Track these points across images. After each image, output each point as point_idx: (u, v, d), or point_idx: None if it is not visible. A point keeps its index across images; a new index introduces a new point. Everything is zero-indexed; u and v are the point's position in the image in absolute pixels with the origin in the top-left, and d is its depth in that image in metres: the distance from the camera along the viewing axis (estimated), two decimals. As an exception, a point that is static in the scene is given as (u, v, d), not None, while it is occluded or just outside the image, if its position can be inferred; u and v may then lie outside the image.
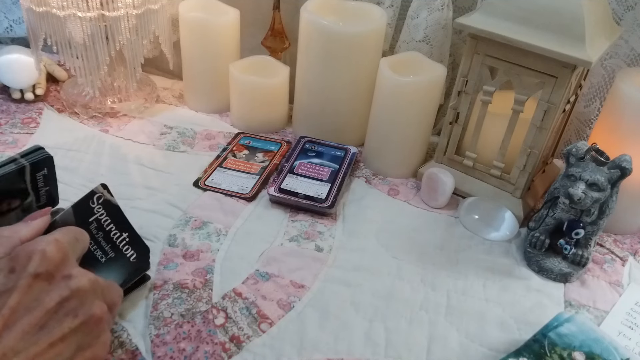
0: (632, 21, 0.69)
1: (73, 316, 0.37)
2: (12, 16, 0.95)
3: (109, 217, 0.48)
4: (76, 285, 0.38)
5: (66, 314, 0.37)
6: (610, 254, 0.65)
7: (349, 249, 0.61)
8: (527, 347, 0.49)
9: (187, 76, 0.84)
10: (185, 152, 0.75)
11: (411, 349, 0.50)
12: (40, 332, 0.35)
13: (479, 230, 0.66)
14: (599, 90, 0.75)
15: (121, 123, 0.80)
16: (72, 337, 0.36)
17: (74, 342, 0.37)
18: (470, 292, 0.57)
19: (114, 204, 0.48)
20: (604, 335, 0.50)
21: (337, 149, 0.76)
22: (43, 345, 0.35)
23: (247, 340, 0.49)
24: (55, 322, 0.36)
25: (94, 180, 0.67)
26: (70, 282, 0.38)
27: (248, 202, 0.67)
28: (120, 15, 0.71)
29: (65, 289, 0.37)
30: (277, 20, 0.84)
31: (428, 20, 0.76)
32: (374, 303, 0.55)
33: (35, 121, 0.78)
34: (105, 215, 0.47)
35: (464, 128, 0.70)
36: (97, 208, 0.47)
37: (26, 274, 0.36)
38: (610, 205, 0.58)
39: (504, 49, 0.61)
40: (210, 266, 0.56)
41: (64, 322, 0.36)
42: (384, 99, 0.70)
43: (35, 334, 0.35)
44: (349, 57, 0.72)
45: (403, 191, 0.72)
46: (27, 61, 0.79)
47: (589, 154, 0.56)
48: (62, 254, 0.38)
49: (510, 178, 0.68)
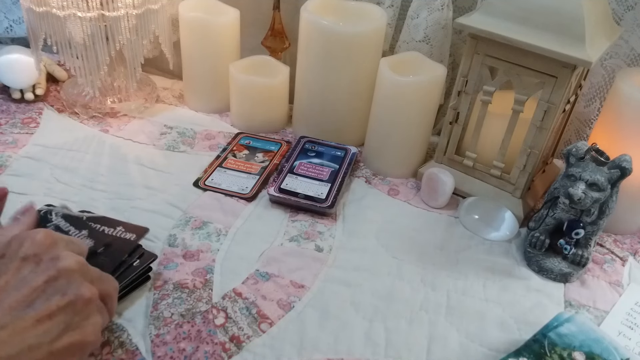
0: (632, 21, 0.69)
1: (61, 294, 0.37)
2: (12, 16, 0.95)
3: (68, 222, 0.54)
4: (63, 265, 0.38)
5: (54, 293, 0.37)
6: (610, 254, 0.65)
7: (349, 249, 0.61)
8: (527, 347, 0.49)
9: (187, 76, 0.84)
10: (185, 152, 0.75)
11: (411, 349, 0.50)
12: (28, 309, 0.36)
13: (479, 230, 0.66)
14: (599, 90, 0.75)
15: (121, 123, 0.80)
16: (59, 315, 0.37)
17: (62, 321, 0.37)
18: (470, 292, 0.57)
19: (74, 215, 0.55)
20: (604, 335, 0.50)
21: (337, 149, 0.76)
22: (30, 320, 0.36)
23: (247, 340, 0.49)
24: (42, 299, 0.37)
25: (94, 180, 0.67)
26: (58, 262, 0.39)
27: (248, 202, 0.67)
28: (120, 15, 0.71)
29: (53, 269, 0.38)
30: (277, 20, 0.84)
31: (428, 20, 0.76)
32: (374, 303, 0.55)
33: (35, 121, 0.78)
34: (64, 221, 0.53)
35: (464, 128, 0.70)
36: (55, 218, 0.53)
37: (16, 257, 0.38)
38: (610, 205, 0.58)
39: (504, 49, 0.61)
40: (210, 266, 0.56)
41: (52, 300, 0.37)
42: (384, 99, 0.70)
43: (23, 310, 0.36)
44: (349, 57, 0.72)
45: (403, 191, 0.72)
46: (27, 61, 0.79)
47: (589, 154, 0.56)
48: (51, 240, 0.40)
49: (510, 178, 0.68)
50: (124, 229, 0.54)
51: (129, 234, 0.54)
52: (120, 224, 0.55)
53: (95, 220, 0.55)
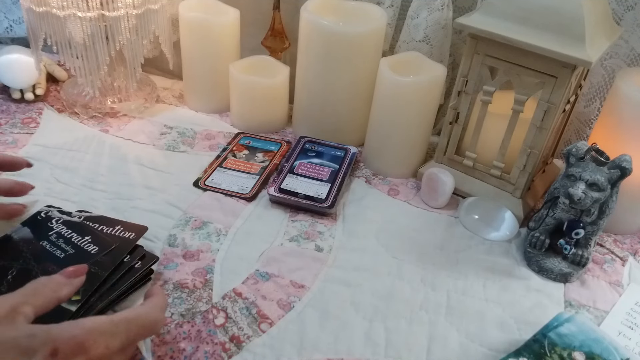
0: (632, 21, 0.69)
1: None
2: (12, 16, 0.95)
3: (69, 228, 0.54)
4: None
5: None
6: (610, 254, 0.65)
7: (349, 249, 0.61)
8: (527, 347, 0.49)
9: (187, 76, 0.84)
10: (185, 152, 0.75)
11: (411, 349, 0.50)
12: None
13: (479, 230, 0.66)
14: (599, 90, 0.75)
15: (121, 123, 0.80)
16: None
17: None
18: (470, 292, 0.57)
19: (74, 221, 0.55)
20: (604, 335, 0.50)
21: (337, 149, 0.76)
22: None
23: (247, 340, 0.49)
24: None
25: (94, 180, 0.67)
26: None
27: (248, 202, 0.67)
28: (120, 15, 0.71)
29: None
30: (277, 20, 0.84)
31: (428, 20, 0.76)
32: (374, 303, 0.55)
33: (35, 121, 0.78)
34: (66, 228, 0.54)
35: (464, 128, 0.70)
36: (56, 226, 0.54)
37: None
38: (610, 205, 0.58)
39: (504, 49, 0.61)
40: (210, 266, 0.56)
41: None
42: (384, 99, 0.70)
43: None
44: (349, 57, 0.72)
45: (403, 191, 0.72)
46: (27, 61, 0.79)
47: (589, 154, 0.56)
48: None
49: (510, 178, 0.68)
50: (123, 228, 0.55)
51: (128, 233, 0.54)
52: (119, 222, 0.55)
53: (93, 220, 0.55)
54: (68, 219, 0.55)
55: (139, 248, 0.53)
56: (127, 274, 0.51)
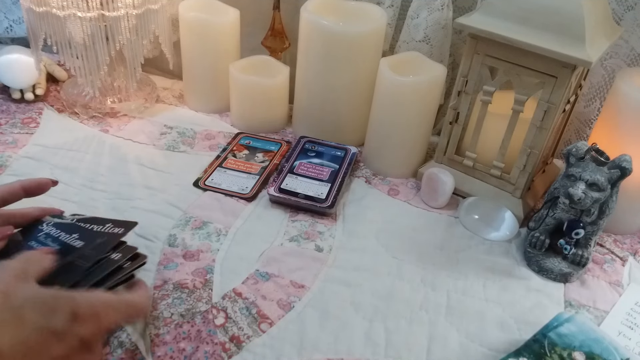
0: (632, 21, 0.69)
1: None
2: (12, 16, 0.95)
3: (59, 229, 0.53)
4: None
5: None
6: (610, 254, 0.65)
7: (349, 249, 0.61)
8: (527, 347, 0.49)
9: (187, 76, 0.84)
10: (185, 152, 0.75)
11: (411, 349, 0.50)
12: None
13: (479, 230, 0.66)
14: (599, 90, 0.75)
15: (121, 123, 0.80)
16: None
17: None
18: (470, 292, 0.57)
19: (64, 222, 0.54)
20: (604, 335, 0.50)
21: (337, 149, 0.76)
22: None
23: (247, 340, 0.49)
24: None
25: (94, 180, 0.67)
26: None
27: (248, 202, 0.67)
28: (120, 15, 0.71)
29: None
30: (277, 20, 0.84)
31: (428, 20, 0.76)
32: (374, 303, 0.55)
33: (35, 121, 0.78)
34: (55, 229, 0.52)
35: (464, 128, 0.70)
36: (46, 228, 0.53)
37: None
38: (610, 205, 0.58)
39: (504, 49, 0.61)
40: (210, 266, 0.56)
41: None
42: (384, 99, 0.70)
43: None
44: (349, 57, 0.72)
45: (403, 191, 0.72)
46: (27, 61, 0.79)
47: (589, 154, 0.56)
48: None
49: (510, 178, 0.68)
50: (113, 225, 0.53)
51: (117, 229, 0.53)
52: (109, 221, 0.54)
53: (85, 221, 0.54)
54: (59, 221, 0.54)
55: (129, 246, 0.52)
56: (115, 271, 0.49)
